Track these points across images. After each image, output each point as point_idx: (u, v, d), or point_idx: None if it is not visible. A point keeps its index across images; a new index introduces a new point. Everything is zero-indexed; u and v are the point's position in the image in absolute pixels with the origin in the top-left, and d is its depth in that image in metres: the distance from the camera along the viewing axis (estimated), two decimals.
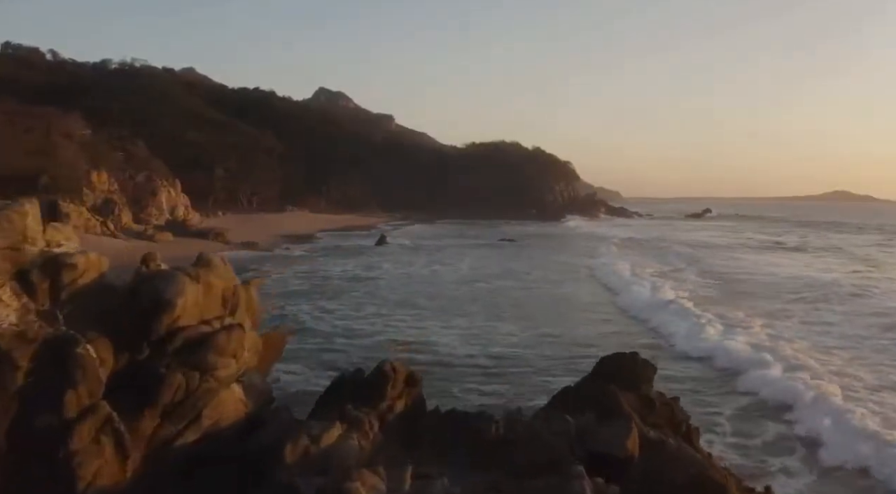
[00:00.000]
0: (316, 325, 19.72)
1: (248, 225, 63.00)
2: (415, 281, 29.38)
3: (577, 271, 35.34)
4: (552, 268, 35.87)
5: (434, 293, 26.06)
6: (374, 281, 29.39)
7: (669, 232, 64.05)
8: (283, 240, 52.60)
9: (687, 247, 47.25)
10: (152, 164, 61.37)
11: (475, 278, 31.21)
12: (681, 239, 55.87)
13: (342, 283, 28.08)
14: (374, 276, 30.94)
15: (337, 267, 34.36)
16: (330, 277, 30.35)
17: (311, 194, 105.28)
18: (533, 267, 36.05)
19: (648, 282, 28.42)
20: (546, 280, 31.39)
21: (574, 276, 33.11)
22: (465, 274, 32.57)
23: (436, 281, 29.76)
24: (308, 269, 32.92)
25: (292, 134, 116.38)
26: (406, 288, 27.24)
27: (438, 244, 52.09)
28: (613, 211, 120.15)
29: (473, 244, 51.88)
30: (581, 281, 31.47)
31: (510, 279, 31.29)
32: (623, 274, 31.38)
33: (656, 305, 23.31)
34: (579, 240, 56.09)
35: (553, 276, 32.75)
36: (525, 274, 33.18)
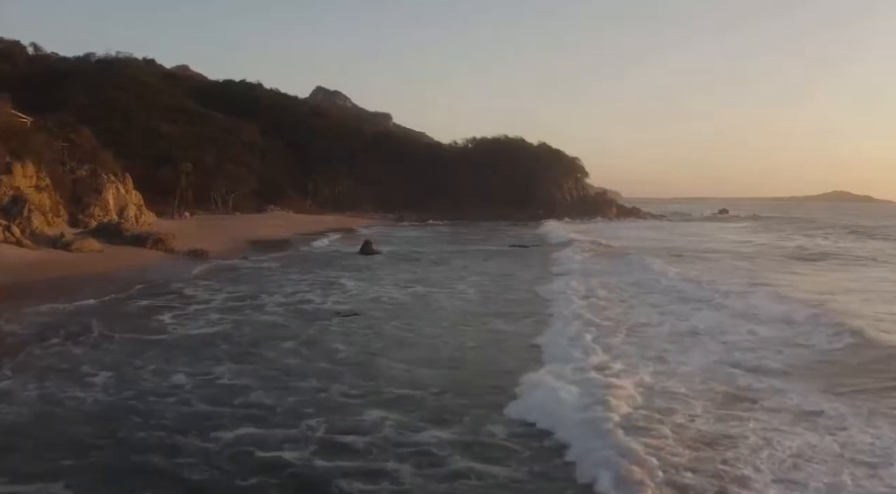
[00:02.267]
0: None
1: (214, 228, 53.97)
2: (395, 322, 18.13)
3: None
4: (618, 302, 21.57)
5: (425, 359, 13.98)
6: (325, 325, 17.73)
7: (704, 239, 54.30)
8: (250, 246, 43.61)
9: (742, 260, 38.13)
10: (100, 156, 52.26)
11: (497, 316, 18.97)
12: (723, 247, 46.63)
13: (271, 328, 17.46)
14: (330, 307, 21.40)
15: (288, 288, 25.25)
16: (264, 309, 20.95)
17: (296, 193, 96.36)
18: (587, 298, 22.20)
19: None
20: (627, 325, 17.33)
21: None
22: (476, 310, 20.02)
23: (429, 327, 17.26)
24: (246, 293, 23.65)
25: (279, 127, 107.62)
26: (375, 340, 15.71)
27: (436, 252, 43.02)
28: (625, 211, 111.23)
29: (479, 251, 42.69)
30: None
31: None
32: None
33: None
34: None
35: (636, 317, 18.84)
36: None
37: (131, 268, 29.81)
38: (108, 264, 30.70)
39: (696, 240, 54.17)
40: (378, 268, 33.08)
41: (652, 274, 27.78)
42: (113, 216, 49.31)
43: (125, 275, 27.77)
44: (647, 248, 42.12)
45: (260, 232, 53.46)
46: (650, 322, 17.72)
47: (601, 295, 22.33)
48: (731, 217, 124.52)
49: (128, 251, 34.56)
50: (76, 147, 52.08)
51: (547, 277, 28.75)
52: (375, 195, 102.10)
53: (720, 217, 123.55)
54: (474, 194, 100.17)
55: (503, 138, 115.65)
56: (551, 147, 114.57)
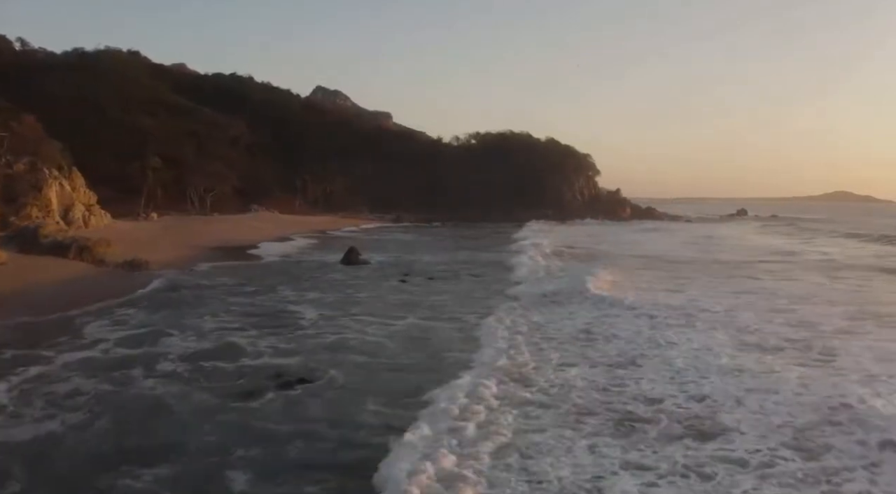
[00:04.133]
0: None
1: (179, 231, 46.52)
2: (371, 402, 11.14)
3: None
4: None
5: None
6: (240, 412, 10.42)
7: (763, 252, 45.61)
8: (211, 254, 36.13)
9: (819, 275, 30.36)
10: (44, 149, 44.75)
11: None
12: (804, 259, 38.57)
13: (136, 423, 10.20)
14: (265, 364, 13.50)
15: (216, 321, 17.99)
16: (154, 369, 13.16)
17: (285, 192, 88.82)
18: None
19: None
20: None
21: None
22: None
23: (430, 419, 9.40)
24: (151, 331, 16.37)
25: (270, 122, 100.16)
26: (323, 458, 8.65)
27: (437, 261, 35.44)
28: (640, 212, 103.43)
29: (488, 263, 35.00)
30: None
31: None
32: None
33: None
34: (650, 260, 37.98)
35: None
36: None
37: (29, 289, 22.37)
38: (1, 283, 23.27)
39: (755, 252, 44.39)
40: (360, 286, 25.57)
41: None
42: (55, 217, 42.07)
43: (11, 300, 20.36)
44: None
45: (232, 235, 46.01)
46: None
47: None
48: (751, 218, 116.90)
49: (43, 263, 27.08)
50: (17, 137, 44.62)
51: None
52: (371, 194, 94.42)
53: (741, 218, 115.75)
54: (478, 193, 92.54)
55: (508, 133, 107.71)
56: (560, 143, 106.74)
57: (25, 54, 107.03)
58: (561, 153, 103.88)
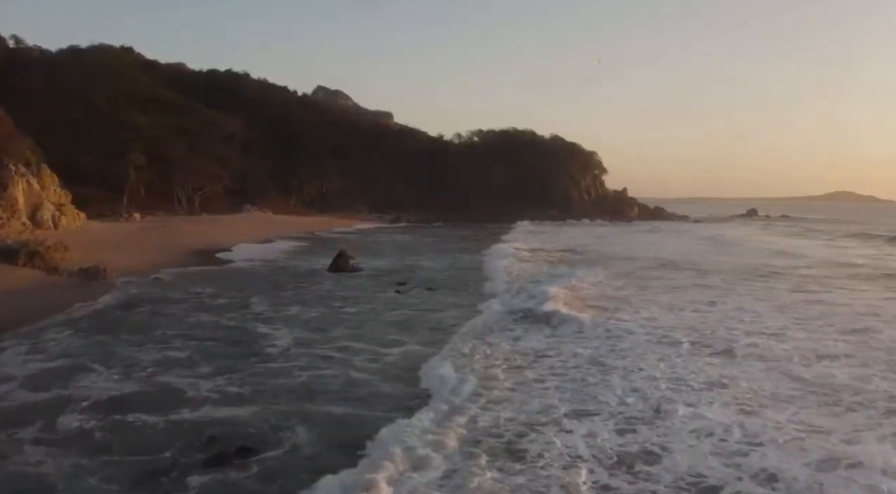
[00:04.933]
0: None
1: (159, 233, 43.05)
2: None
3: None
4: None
5: None
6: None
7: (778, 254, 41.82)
8: (187, 258, 32.67)
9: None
10: (11, 144, 41.18)
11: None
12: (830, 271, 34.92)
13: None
14: (195, 423, 9.59)
15: (162, 350, 14.56)
16: (52, 429, 9.36)
17: (281, 191, 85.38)
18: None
19: None
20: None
21: None
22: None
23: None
24: (62, 370, 12.90)
25: (266, 121, 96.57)
26: None
27: (437, 268, 31.92)
28: (648, 212, 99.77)
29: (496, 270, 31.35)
30: None
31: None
32: None
33: None
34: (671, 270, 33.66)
35: None
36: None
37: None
38: None
39: (785, 257, 39.30)
40: (348, 298, 22.02)
41: None
42: (22, 218, 38.57)
43: None
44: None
45: (216, 238, 42.47)
46: None
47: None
48: (761, 218, 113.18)
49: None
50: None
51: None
52: (370, 194, 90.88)
53: (751, 218, 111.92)
54: (481, 192, 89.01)
55: (512, 131, 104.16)
56: (565, 140, 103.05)
57: (19, 52, 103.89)
58: (566, 151, 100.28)
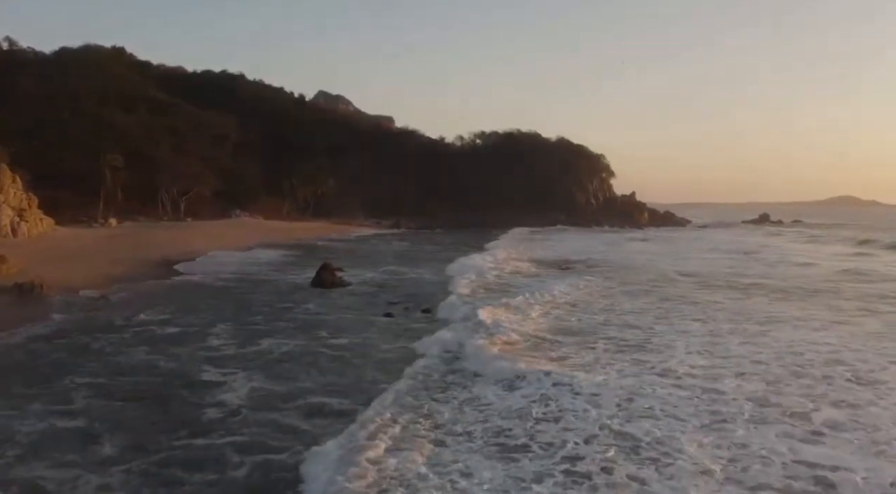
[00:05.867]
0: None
1: (132, 240, 39.15)
2: None
3: None
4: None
5: None
6: None
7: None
8: (153, 270, 28.70)
9: None
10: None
11: None
12: None
13: None
14: None
15: (28, 425, 10.27)
16: None
17: (274, 195, 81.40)
18: None
19: None
20: None
21: None
22: None
23: None
24: None
25: (261, 122, 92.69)
26: None
27: (436, 282, 27.90)
28: (658, 217, 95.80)
29: (507, 286, 27.37)
30: None
31: None
32: None
33: None
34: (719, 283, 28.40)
35: None
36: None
37: None
38: None
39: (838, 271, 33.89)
40: (328, 325, 18.03)
41: None
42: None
43: None
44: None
45: (195, 245, 38.51)
46: None
47: None
48: (775, 223, 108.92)
49: None
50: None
51: None
52: (368, 198, 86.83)
53: (766, 224, 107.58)
54: (484, 197, 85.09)
55: (516, 133, 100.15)
56: (572, 142, 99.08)
57: (10, 54, 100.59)
58: (573, 153, 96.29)
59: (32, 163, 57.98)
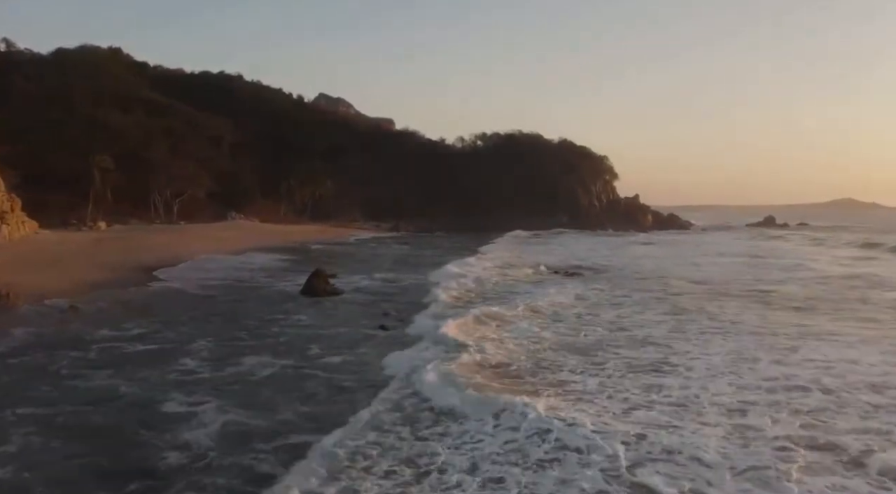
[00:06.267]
0: None
1: (116, 244, 37.61)
2: None
3: None
4: None
5: None
6: None
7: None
8: (135, 276, 27.16)
9: None
10: None
11: None
12: None
13: None
14: None
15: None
16: None
17: (271, 197, 79.95)
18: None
19: None
20: None
21: None
22: None
23: None
24: None
25: (258, 123, 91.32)
26: None
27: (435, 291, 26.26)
28: (662, 220, 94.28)
29: (506, 294, 25.75)
30: None
31: None
32: None
33: None
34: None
35: None
36: None
37: None
38: None
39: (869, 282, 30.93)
40: (317, 340, 16.49)
41: None
42: None
43: None
44: None
45: (183, 250, 36.97)
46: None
47: None
48: (781, 226, 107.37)
49: None
50: None
51: None
52: (367, 201, 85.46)
53: (772, 227, 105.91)
54: (485, 199, 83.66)
55: (517, 134, 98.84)
56: (574, 144, 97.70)
57: (6, 54, 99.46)
58: (576, 155, 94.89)
59: (24, 164, 56.74)
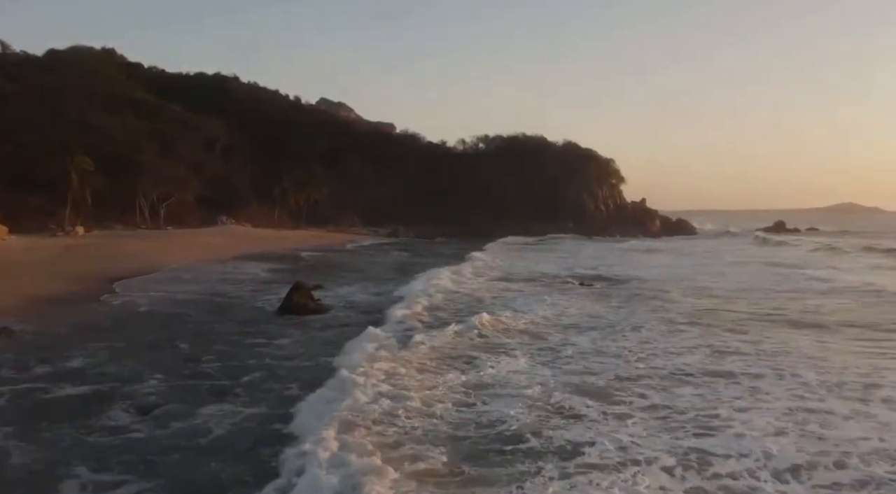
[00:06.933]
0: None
1: (84, 252, 34.74)
2: None
3: None
4: None
5: None
6: None
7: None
8: (99, 289, 24.26)
9: None
10: None
11: None
12: None
13: None
14: None
15: None
16: None
17: (266, 201, 77.18)
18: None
19: None
20: None
21: None
22: None
23: None
24: None
25: (255, 125, 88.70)
26: None
27: (435, 307, 23.34)
28: (670, 225, 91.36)
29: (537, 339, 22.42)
30: None
31: None
32: None
33: None
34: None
35: None
36: None
37: None
38: None
39: None
40: (290, 376, 13.55)
41: None
42: None
43: None
44: None
45: (162, 258, 34.08)
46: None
47: None
48: (791, 230, 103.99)
49: None
50: None
51: None
52: (366, 205, 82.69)
53: (784, 231, 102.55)
54: (487, 203, 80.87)
55: (521, 136, 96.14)
56: (579, 146, 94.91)
57: (8, 57, 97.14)
58: (581, 158, 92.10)
59: (5, 166, 54.02)
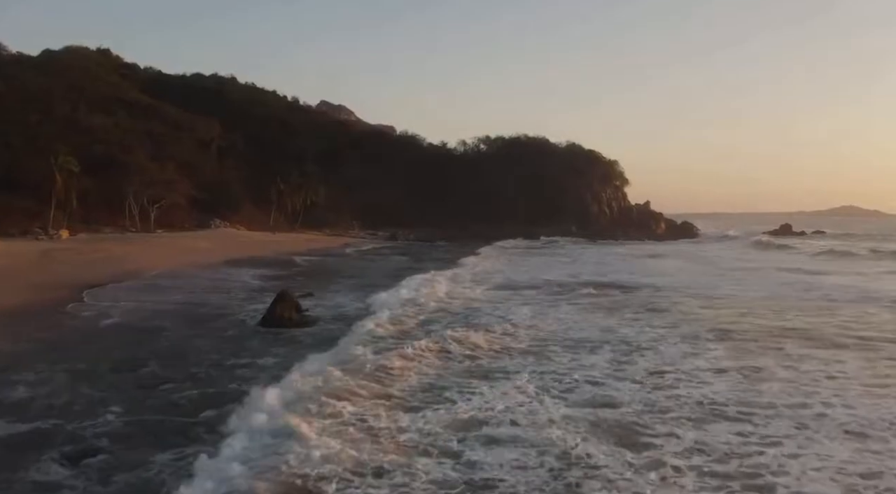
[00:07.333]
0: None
1: (61, 257, 32.83)
2: None
3: None
4: None
5: None
6: None
7: None
8: (70, 297, 22.38)
9: None
10: None
11: None
12: None
13: None
14: None
15: None
16: None
17: (261, 203, 75.29)
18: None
19: None
20: None
21: None
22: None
23: None
24: None
25: (252, 126, 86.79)
26: None
27: (433, 320, 21.48)
28: (675, 228, 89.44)
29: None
30: None
31: None
32: None
33: None
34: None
35: None
36: None
37: None
38: None
39: None
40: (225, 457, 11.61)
41: None
42: None
43: None
44: None
45: (148, 262, 32.20)
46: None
47: None
48: (798, 233, 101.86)
49: None
50: None
51: None
52: (364, 207, 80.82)
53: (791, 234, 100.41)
54: (489, 206, 79.04)
55: (523, 138, 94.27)
56: (583, 147, 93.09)
57: (5, 58, 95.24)
58: (585, 160, 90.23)
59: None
